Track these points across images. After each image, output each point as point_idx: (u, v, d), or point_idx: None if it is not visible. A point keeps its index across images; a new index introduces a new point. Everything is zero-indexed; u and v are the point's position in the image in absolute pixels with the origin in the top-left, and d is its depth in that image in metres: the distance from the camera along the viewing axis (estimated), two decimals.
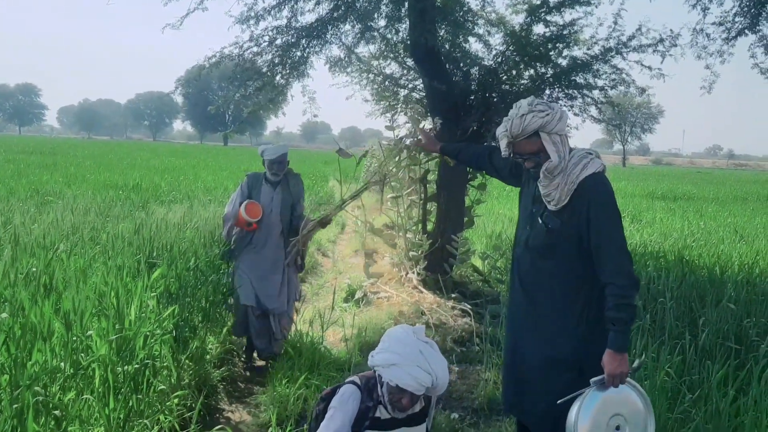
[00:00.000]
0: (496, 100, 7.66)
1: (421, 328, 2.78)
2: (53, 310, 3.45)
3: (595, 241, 2.72)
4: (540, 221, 2.86)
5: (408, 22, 7.23)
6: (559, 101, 8.07)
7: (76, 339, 3.42)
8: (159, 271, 4.50)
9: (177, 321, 4.39)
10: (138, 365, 3.49)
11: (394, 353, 2.65)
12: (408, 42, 7.43)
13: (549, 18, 7.44)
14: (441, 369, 2.69)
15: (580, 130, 25.29)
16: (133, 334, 3.56)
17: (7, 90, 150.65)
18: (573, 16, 7.48)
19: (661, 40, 7.37)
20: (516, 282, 3.06)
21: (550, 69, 7.78)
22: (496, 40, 8.04)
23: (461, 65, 7.92)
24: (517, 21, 7.88)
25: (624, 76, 7.80)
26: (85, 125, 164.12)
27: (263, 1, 6.96)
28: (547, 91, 7.83)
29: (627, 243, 2.78)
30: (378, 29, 7.68)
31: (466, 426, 4.41)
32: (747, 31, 7.11)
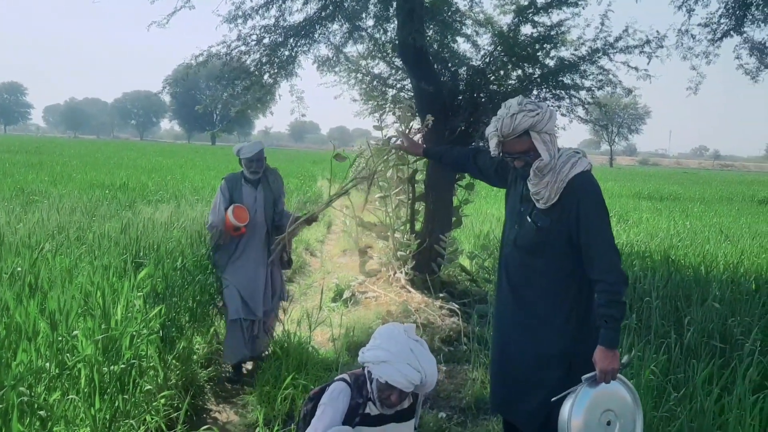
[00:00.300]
0: (484, 100, 7.68)
1: (411, 327, 2.81)
2: (38, 310, 3.42)
3: (584, 238, 2.74)
4: (529, 220, 2.88)
5: (396, 22, 7.23)
6: (547, 102, 8.10)
7: (62, 339, 3.40)
8: (146, 271, 4.48)
9: (164, 321, 4.36)
10: (124, 365, 3.46)
11: (384, 350, 2.69)
12: (396, 42, 7.44)
13: (537, 19, 7.47)
14: (430, 367, 2.73)
15: (567, 130, 25.34)
16: (120, 333, 3.54)
17: None
18: (560, 16, 7.52)
19: (648, 42, 7.41)
20: (504, 281, 3.07)
21: (537, 69, 7.81)
22: (484, 40, 8.07)
23: (449, 65, 7.93)
24: (504, 21, 7.92)
25: (611, 76, 7.84)
26: (71, 124, 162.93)
27: (251, 0, 6.95)
28: (534, 92, 7.86)
29: (615, 240, 2.80)
30: (366, 29, 7.68)
31: (453, 425, 4.42)
32: (732, 33, 7.17)
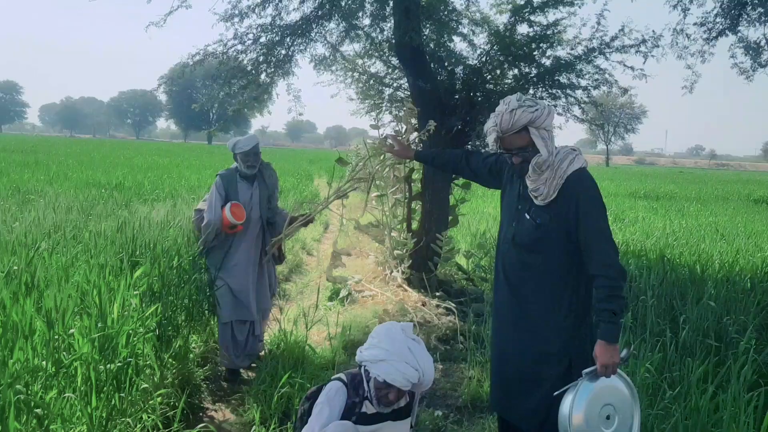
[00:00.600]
0: (480, 99, 7.70)
1: (409, 326, 2.83)
2: (35, 309, 3.42)
3: (583, 234, 2.76)
4: (528, 217, 2.89)
5: (392, 21, 7.24)
6: (543, 101, 8.13)
7: (58, 338, 3.40)
8: (142, 270, 4.48)
9: (160, 319, 4.36)
10: (121, 364, 3.46)
11: (382, 349, 2.71)
12: (393, 41, 7.45)
13: (533, 18, 7.50)
14: (427, 365, 2.75)
15: (563, 129, 25.37)
16: (116, 332, 3.54)
17: None
18: (556, 16, 7.55)
19: (644, 41, 7.45)
20: (501, 279, 3.07)
21: (534, 69, 7.83)
22: (481, 39, 8.10)
23: (446, 64, 7.95)
24: (501, 21, 7.94)
25: (607, 76, 7.89)
26: (67, 123, 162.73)
27: None
28: (531, 91, 7.88)
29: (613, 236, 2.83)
30: (363, 28, 7.69)
31: (449, 423, 4.43)
32: (727, 32, 7.19)
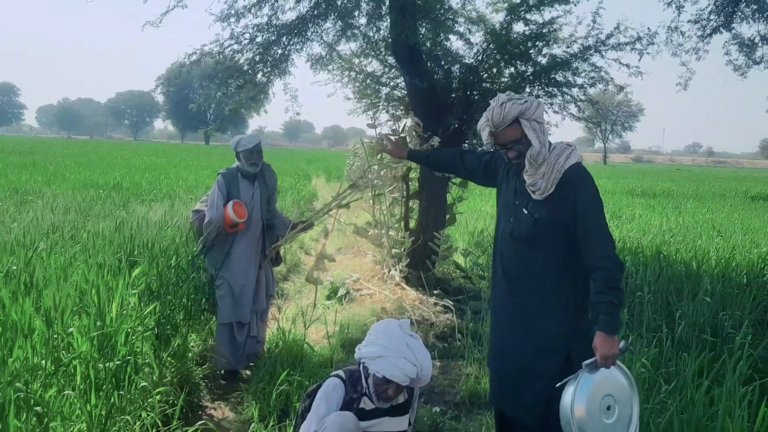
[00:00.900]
0: (477, 98, 7.72)
1: (406, 322, 2.87)
2: (34, 308, 3.44)
3: (581, 227, 2.79)
4: (525, 212, 2.91)
5: (389, 20, 7.26)
6: (539, 99, 8.15)
7: (57, 336, 3.42)
8: (140, 269, 4.50)
9: (158, 318, 4.38)
10: (119, 362, 3.48)
11: (381, 346, 2.74)
12: (389, 40, 7.47)
13: (529, 16, 7.52)
14: (425, 361, 2.79)
15: (560, 128, 25.40)
16: (115, 330, 3.56)
17: None
18: (552, 14, 7.57)
19: (639, 39, 7.47)
20: (499, 274, 3.09)
21: (530, 67, 7.85)
22: (477, 38, 8.11)
23: (442, 63, 7.97)
24: (497, 19, 7.96)
25: (603, 74, 7.91)
26: (64, 125, 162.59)
27: None
28: (527, 89, 7.91)
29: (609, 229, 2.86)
30: (359, 27, 7.70)
31: (447, 419, 4.45)
32: (721, 29, 7.23)
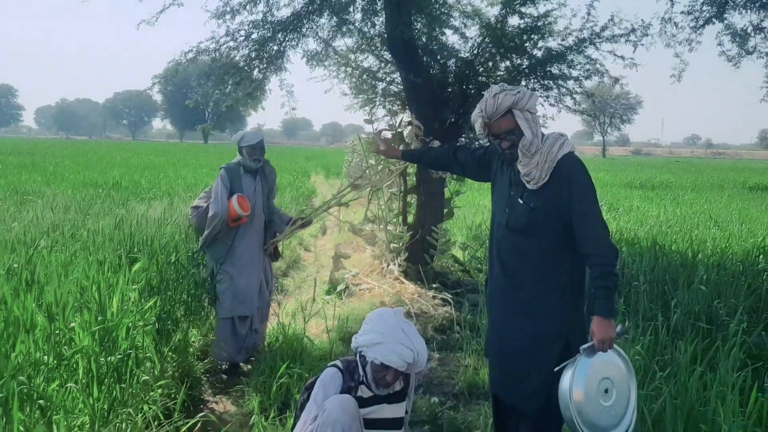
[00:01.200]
0: (473, 92, 7.75)
1: (400, 310, 2.93)
2: (36, 304, 3.49)
3: (576, 215, 2.83)
4: (521, 202, 2.95)
5: (384, 15, 7.29)
6: (535, 92, 8.19)
7: (59, 332, 3.47)
8: (140, 265, 4.54)
9: (159, 313, 4.43)
10: (121, 356, 3.53)
11: (377, 333, 2.81)
12: (384, 35, 7.50)
13: (524, 9, 7.53)
14: (421, 345, 2.85)
15: (556, 120, 25.45)
16: (115, 325, 3.61)
17: None
18: (547, 7, 7.59)
19: (633, 30, 7.50)
20: (496, 265, 3.13)
21: (525, 60, 7.88)
22: (472, 32, 8.13)
23: (438, 57, 8.00)
24: (492, 13, 7.98)
25: (598, 66, 7.94)
26: (63, 125, 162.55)
27: None
28: (523, 82, 7.94)
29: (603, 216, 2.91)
30: (354, 22, 7.73)
31: (445, 409, 4.50)
32: (714, 20, 7.25)
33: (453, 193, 8.36)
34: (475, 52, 7.87)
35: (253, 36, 7.09)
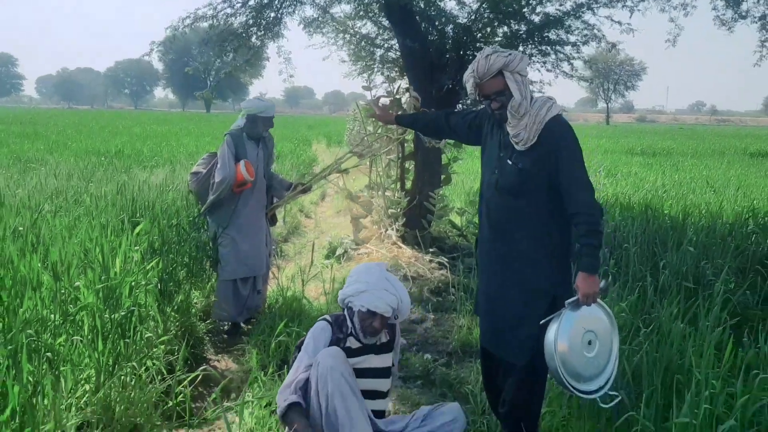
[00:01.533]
0: (470, 58, 7.77)
1: (384, 263, 3.08)
2: (41, 264, 3.62)
3: (563, 175, 2.93)
4: (510, 163, 3.04)
5: None
6: (533, 58, 8.23)
7: (65, 291, 3.62)
8: (142, 226, 4.66)
9: (161, 275, 4.56)
10: (125, 313, 3.67)
11: (363, 282, 3.00)
12: (382, 1, 7.51)
13: None
14: (404, 293, 3.03)
15: (560, 87, 25.33)
16: (119, 283, 3.75)
17: None
18: None
19: None
20: (485, 224, 3.23)
21: (523, 26, 7.89)
22: None
23: (436, 23, 8.01)
24: None
25: (595, 31, 7.97)
26: (64, 95, 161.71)
27: None
28: (520, 48, 7.96)
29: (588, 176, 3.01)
30: None
31: (439, 366, 4.66)
32: None
33: (451, 160, 8.45)
34: (472, 17, 7.88)
35: (251, 2, 7.11)
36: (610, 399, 3.03)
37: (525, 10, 7.73)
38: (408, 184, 8.20)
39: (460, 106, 8.04)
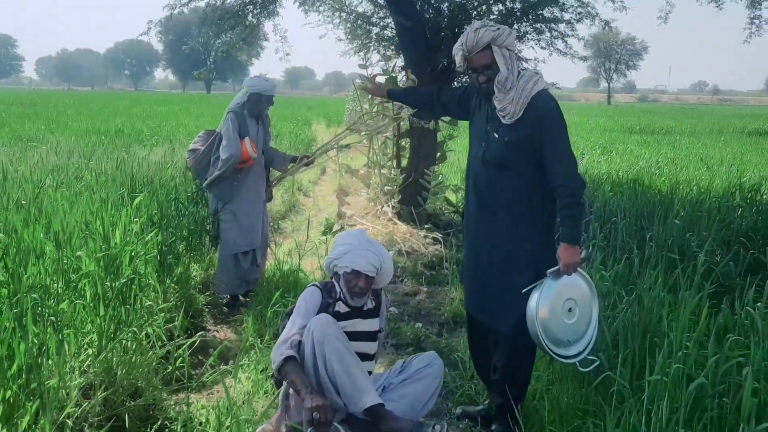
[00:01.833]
0: None
1: (364, 230, 3.23)
2: (44, 235, 3.75)
3: (547, 149, 3.03)
4: (496, 136, 3.13)
5: None
6: (527, 35, 8.31)
7: (67, 260, 3.75)
8: (140, 198, 4.76)
9: (160, 247, 4.70)
10: (125, 280, 3.81)
11: (346, 244, 3.15)
12: None
13: None
14: (386, 254, 3.18)
15: (561, 68, 25.26)
16: (119, 252, 3.88)
17: None
18: None
19: None
20: (472, 196, 3.34)
21: (518, 3, 7.96)
22: None
23: (431, 1, 8.06)
24: None
25: (589, 9, 8.04)
26: (64, 76, 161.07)
27: None
28: (515, 26, 8.02)
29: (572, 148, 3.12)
30: None
31: (429, 334, 4.82)
32: None
33: (446, 137, 8.55)
34: None
35: None
36: (589, 363, 3.17)
37: None
38: (404, 162, 8.31)
39: (456, 83, 8.12)
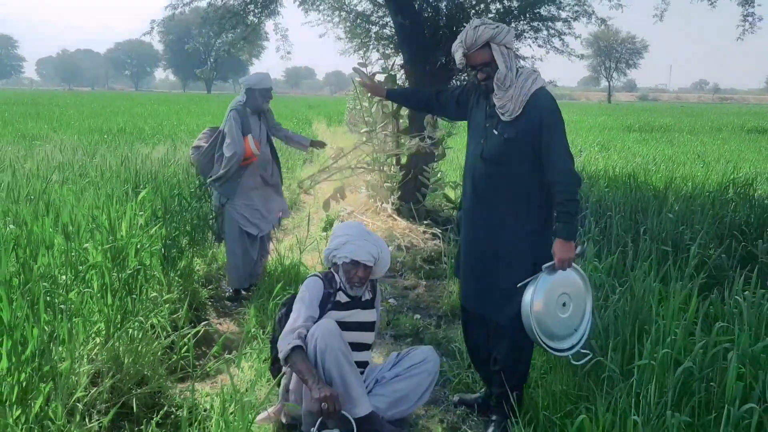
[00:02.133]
0: None
1: (361, 223, 3.33)
2: (53, 227, 3.87)
3: (545, 146, 3.10)
4: (495, 133, 3.20)
5: None
6: (525, 33, 8.41)
7: (75, 253, 3.87)
8: (144, 193, 4.88)
9: (165, 240, 4.81)
10: (131, 271, 3.93)
11: (344, 235, 3.25)
12: None
13: None
14: (383, 244, 3.29)
15: (561, 67, 25.38)
16: (125, 244, 4.00)
17: None
18: None
19: None
20: (469, 192, 3.41)
21: (516, 1, 8.05)
22: None
23: (430, 0, 8.16)
24: None
25: (585, 7, 8.13)
26: (65, 77, 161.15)
27: None
28: (513, 24, 8.12)
29: (570, 147, 3.20)
30: None
31: (428, 325, 4.93)
32: None
33: (445, 135, 8.65)
34: None
35: None
36: (582, 356, 3.27)
37: None
38: (403, 159, 8.40)
39: (455, 81, 8.21)
